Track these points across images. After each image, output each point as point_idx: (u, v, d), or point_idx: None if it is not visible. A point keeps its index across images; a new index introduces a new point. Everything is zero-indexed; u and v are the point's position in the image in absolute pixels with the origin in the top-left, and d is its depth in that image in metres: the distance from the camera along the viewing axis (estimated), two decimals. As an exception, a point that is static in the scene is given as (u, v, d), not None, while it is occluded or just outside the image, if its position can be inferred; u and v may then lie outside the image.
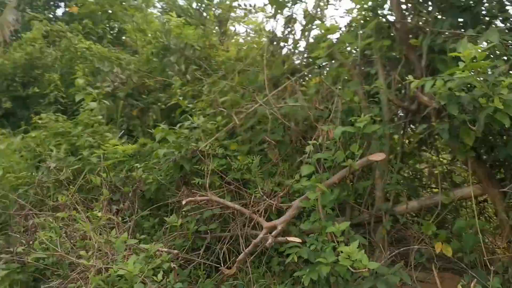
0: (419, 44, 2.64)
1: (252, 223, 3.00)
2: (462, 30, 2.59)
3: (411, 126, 3.23)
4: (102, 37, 7.42)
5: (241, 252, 2.79)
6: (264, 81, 3.13)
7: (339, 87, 2.94)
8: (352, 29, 3.29)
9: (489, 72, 1.98)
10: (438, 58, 2.63)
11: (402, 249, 2.70)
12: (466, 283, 2.55)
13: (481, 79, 1.93)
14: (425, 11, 2.73)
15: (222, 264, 2.93)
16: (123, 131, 4.33)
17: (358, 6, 3.14)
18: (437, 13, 2.62)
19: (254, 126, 3.25)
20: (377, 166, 2.87)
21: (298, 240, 2.50)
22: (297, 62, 3.89)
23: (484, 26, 2.45)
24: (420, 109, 2.83)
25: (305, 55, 3.86)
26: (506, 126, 1.99)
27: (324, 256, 2.37)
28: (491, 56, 2.14)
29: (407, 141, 3.28)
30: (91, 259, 2.53)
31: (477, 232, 2.50)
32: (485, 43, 2.17)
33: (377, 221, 3.00)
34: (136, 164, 3.46)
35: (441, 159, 3.32)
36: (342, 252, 2.13)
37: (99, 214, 2.89)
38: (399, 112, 3.10)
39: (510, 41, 2.24)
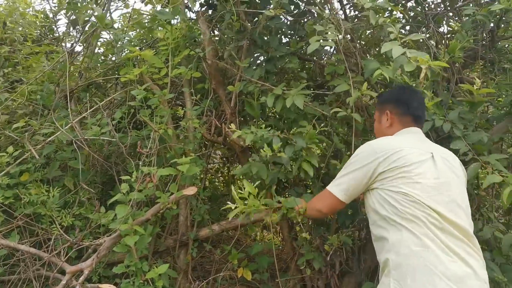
0: (234, 90, 2.83)
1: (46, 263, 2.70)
2: (268, 79, 2.93)
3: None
4: None
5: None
6: (67, 103, 2.78)
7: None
8: (161, 52, 3.22)
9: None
10: (246, 100, 2.89)
11: (210, 278, 2.93)
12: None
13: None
14: (236, 56, 2.92)
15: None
16: None
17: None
18: (248, 64, 2.85)
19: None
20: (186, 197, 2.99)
21: (112, 287, 2.39)
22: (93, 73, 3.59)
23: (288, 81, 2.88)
24: (225, 142, 3.06)
25: (102, 67, 3.60)
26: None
27: (142, 302, 2.36)
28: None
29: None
30: None
31: (272, 254, 2.94)
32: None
33: (181, 245, 3.14)
34: None
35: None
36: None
37: None
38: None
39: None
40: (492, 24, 2.93)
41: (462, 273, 1.51)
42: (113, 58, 3.63)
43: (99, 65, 3.72)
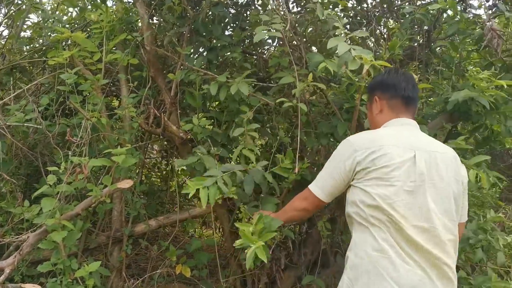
0: (175, 78, 2.69)
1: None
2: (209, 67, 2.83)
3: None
4: None
5: None
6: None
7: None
8: (94, 35, 3.00)
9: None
10: (187, 90, 2.77)
11: (146, 275, 2.77)
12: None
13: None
14: (177, 43, 2.79)
15: None
16: None
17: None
18: (190, 51, 2.73)
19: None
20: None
21: (36, 287, 2.18)
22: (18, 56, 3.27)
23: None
24: (164, 133, 2.92)
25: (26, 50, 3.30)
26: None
27: (70, 302, 2.17)
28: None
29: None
30: None
31: (211, 251, 2.85)
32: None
33: (114, 242, 2.95)
34: None
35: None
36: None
37: None
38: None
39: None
40: (426, 27, 3.04)
41: (417, 282, 1.48)
42: (41, 41, 3.34)
43: (25, 48, 3.41)
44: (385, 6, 3.53)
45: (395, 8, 3.36)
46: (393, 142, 1.61)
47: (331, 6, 2.95)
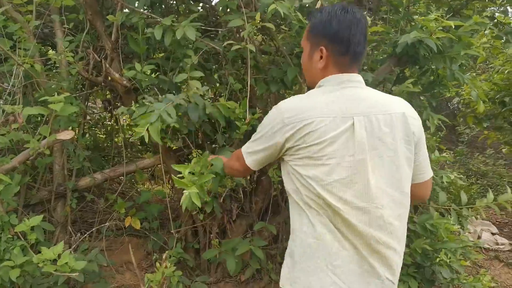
0: (115, 20, 2.50)
1: None
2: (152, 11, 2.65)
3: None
4: None
5: None
6: None
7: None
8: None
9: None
10: (130, 35, 2.59)
11: (93, 229, 2.67)
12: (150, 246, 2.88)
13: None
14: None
15: None
16: None
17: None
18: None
19: None
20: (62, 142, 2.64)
21: (-28, 244, 2.04)
22: None
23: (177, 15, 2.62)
24: (106, 82, 2.76)
25: None
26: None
27: (11, 258, 2.05)
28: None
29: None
30: None
31: (160, 204, 2.78)
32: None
33: (58, 197, 2.81)
34: None
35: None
36: (45, 259, 1.88)
37: None
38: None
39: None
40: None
41: (358, 270, 1.36)
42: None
43: None
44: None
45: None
46: (328, 111, 1.36)
47: None
